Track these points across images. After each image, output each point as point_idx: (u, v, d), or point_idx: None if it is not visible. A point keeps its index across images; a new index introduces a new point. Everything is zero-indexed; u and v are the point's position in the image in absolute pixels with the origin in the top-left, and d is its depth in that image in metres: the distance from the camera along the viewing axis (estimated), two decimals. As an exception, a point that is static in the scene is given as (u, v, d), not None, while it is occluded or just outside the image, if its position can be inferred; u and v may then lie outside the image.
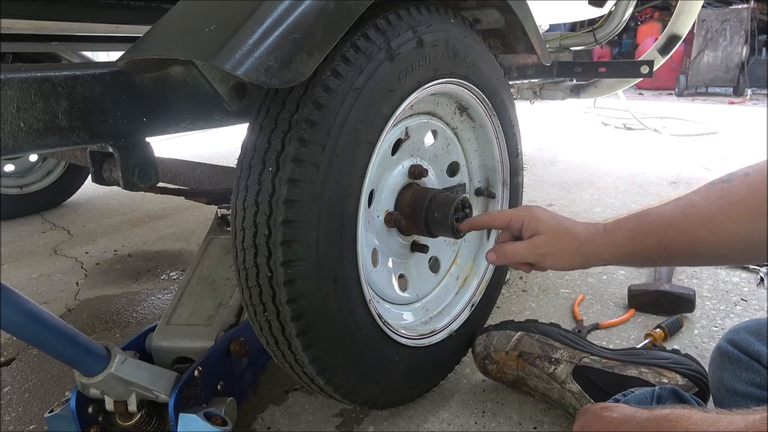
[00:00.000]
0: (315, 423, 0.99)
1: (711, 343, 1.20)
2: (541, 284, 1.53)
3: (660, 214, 0.76)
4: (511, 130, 1.14)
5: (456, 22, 0.92)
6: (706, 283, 1.51)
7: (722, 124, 4.66)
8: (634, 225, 0.78)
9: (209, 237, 1.19)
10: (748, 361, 0.80)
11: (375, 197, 0.92)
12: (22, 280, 1.70)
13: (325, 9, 0.66)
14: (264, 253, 0.72)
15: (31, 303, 0.67)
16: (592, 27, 2.25)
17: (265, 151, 0.71)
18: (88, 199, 2.64)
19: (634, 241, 0.77)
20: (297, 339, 0.74)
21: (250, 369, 1.03)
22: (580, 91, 2.32)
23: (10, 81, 0.58)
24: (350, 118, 0.73)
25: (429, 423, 0.98)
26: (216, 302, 1.02)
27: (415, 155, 0.99)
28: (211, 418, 0.82)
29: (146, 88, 0.71)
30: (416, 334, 0.97)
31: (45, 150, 0.63)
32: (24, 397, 1.11)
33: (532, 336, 0.99)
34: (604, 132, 4.35)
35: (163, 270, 1.74)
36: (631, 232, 0.78)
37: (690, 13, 2.15)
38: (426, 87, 0.87)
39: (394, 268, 1.00)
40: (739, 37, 7.22)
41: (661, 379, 0.89)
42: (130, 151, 0.72)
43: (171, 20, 0.68)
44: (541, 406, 1.00)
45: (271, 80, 0.61)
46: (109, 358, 0.78)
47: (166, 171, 1.34)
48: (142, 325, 1.37)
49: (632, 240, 0.78)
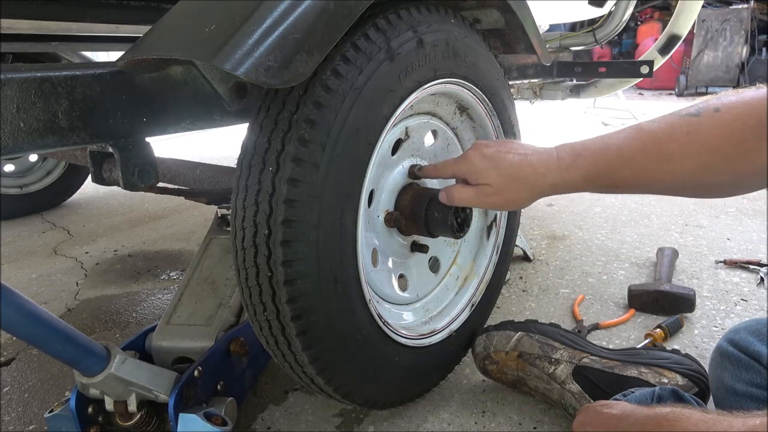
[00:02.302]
0: (315, 423, 0.99)
1: (711, 343, 1.20)
2: (541, 284, 1.53)
3: (619, 151, 0.72)
4: (511, 130, 1.14)
5: (456, 22, 0.92)
6: (706, 283, 1.51)
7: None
8: (590, 163, 0.75)
9: (209, 237, 1.19)
10: (749, 361, 0.80)
11: (375, 197, 0.92)
12: (22, 280, 1.70)
13: (325, 9, 0.66)
14: (264, 253, 0.72)
15: (31, 303, 0.67)
16: (592, 27, 2.24)
17: (265, 151, 0.71)
18: (88, 199, 2.64)
19: (587, 181, 0.75)
20: (297, 339, 0.74)
21: (250, 369, 1.03)
22: (580, 91, 2.31)
23: (10, 81, 0.58)
24: (350, 117, 0.73)
25: (429, 423, 0.98)
26: (216, 302, 1.02)
27: (415, 155, 0.99)
28: (211, 418, 0.82)
29: (146, 88, 0.71)
30: (416, 334, 0.97)
31: (45, 150, 0.63)
32: (24, 397, 1.11)
33: (532, 336, 0.99)
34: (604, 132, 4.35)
35: (163, 270, 1.74)
36: (586, 171, 0.75)
37: (690, 13, 2.15)
38: (426, 87, 0.87)
39: (394, 268, 1.00)
40: (739, 37, 7.22)
41: (661, 379, 0.89)
42: (130, 151, 0.72)
43: (171, 20, 0.68)
44: (541, 406, 1.00)
45: (271, 80, 0.61)
46: (109, 358, 0.78)
47: (166, 171, 1.34)
48: (142, 325, 1.37)
49: (585, 180, 0.75)
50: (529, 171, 0.78)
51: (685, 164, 0.66)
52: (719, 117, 0.64)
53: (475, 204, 0.85)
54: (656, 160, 0.68)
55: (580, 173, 0.75)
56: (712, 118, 0.65)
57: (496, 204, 0.83)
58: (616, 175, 0.72)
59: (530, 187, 0.78)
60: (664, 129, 0.69)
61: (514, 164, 0.79)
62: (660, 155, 0.68)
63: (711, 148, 0.64)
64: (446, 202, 0.87)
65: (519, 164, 0.79)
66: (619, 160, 0.72)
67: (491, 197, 0.81)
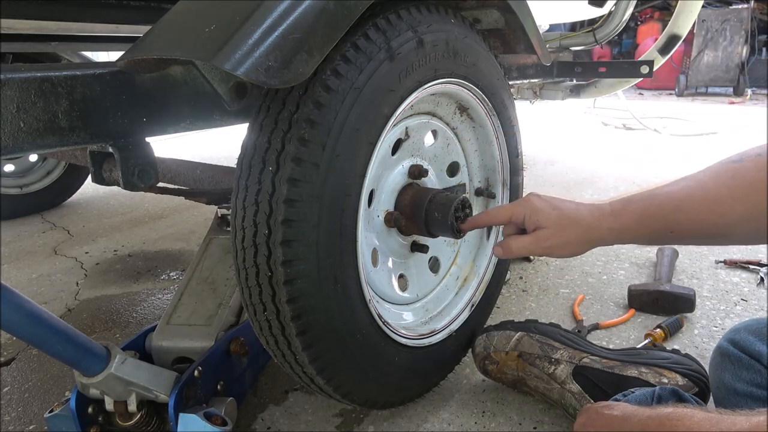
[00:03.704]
0: (315, 423, 0.99)
1: (711, 343, 1.20)
2: (541, 284, 1.53)
3: (668, 196, 0.75)
4: (511, 130, 1.14)
5: (456, 22, 0.92)
6: (706, 283, 1.51)
7: (722, 124, 4.66)
8: (641, 207, 0.77)
9: (209, 237, 1.19)
10: (749, 360, 0.80)
11: (375, 197, 0.92)
12: (22, 280, 1.70)
13: (325, 9, 0.66)
14: (264, 253, 0.72)
15: (31, 303, 0.67)
16: (592, 27, 2.25)
17: (265, 151, 0.71)
18: (88, 199, 2.64)
19: (641, 224, 0.76)
20: (297, 339, 0.74)
21: (250, 369, 1.03)
22: (580, 91, 2.32)
23: (10, 81, 0.58)
24: (350, 117, 0.73)
25: (429, 423, 0.98)
26: (216, 302, 1.02)
27: (415, 155, 0.99)
28: (211, 418, 0.82)
29: (146, 88, 0.71)
30: (416, 334, 0.97)
31: (45, 150, 0.63)
32: (24, 397, 1.11)
33: (532, 336, 0.99)
34: (604, 132, 4.35)
35: (163, 270, 1.74)
36: (639, 215, 0.76)
37: (690, 13, 2.16)
38: (426, 87, 0.87)
39: (394, 268, 1.00)
40: (739, 37, 7.22)
41: (661, 379, 0.89)
42: (130, 151, 0.72)
43: (171, 20, 0.68)
44: (541, 406, 1.00)
45: (271, 80, 0.61)
46: (109, 358, 0.78)
47: (166, 171, 1.34)
48: (142, 325, 1.37)
49: (639, 223, 0.76)
50: (586, 214, 0.80)
51: (735, 207, 0.68)
52: (761, 160, 0.67)
53: (533, 251, 0.84)
54: (706, 204, 0.70)
55: (632, 216, 0.77)
56: (755, 162, 0.68)
57: (554, 247, 0.81)
58: (670, 218, 0.74)
59: (587, 230, 0.79)
60: (710, 176, 0.72)
61: (572, 208, 0.81)
62: (709, 199, 0.70)
63: (758, 189, 0.66)
64: (502, 255, 0.87)
65: (576, 208, 0.81)
66: (670, 204, 0.74)
67: (549, 240, 0.81)
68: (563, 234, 0.80)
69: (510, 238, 0.86)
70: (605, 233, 0.79)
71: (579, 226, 0.80)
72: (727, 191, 0.69)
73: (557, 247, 0.81)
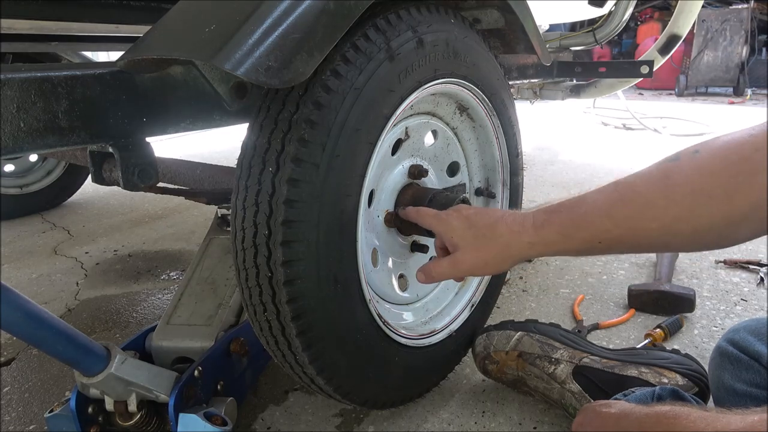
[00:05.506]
0: (315, 423, 0.99)
1: (711, 343, 1.20)
2: (541, 284, 1.53)
3: (595, 203, 0.67)
4: (511, 130, 1.14)
5: (456, 22, 0.92)
6: (706, 283, 1.51)
7: (722, 124, 4.66)
8: (565, 218, 0.70)
9: (209, 237, 1.19)
10: (748, 361, 0.80)
11: (375, 197, 0.92)
12: (22, 280, 1.70)
13: (325, 9, 0.66)
14: (264, 253, 0.72)
15: (31, 303, 0.67)
16: (592, 27, 2.25)
17: (265, 151, 0.71)
18: (88, 199, 2.64)
19: (565, 236, 0.69)
20: (297, 339, 0.74)
21: (250, 369, 1.03)
22: (580, 91, 2.32)
23: (10, 81, 0.58)
24: (350, 118, 0.73)
25: (429, 423, 0.98)
26: (216, 302, 1.02)
27: (415, 155, 0.99)
28: (211, 418, 0.82)
29: (146, 88, 0.71)
30: (416, 334, 0.97)
31: (45, 150, 0.63)
32: (24, 397, 1.11)
33: (532, 336, 0.99)
34: (604, 132, 4.35)
35: (163, 270, 1.74)
36: (562, 227, 0.69)
37: (690, 13, 2.16)
38: (426, 87, 0.87)
39: (394, 268, 1.00)
40: (739, 37, 7.22)
41: (661, 379, 0.89)
42: (130, 151, 0.72)
43: (171, 20, 0.68)
44: (541, 406, 1.00)
45: (271, 80, 0.61)
46: (109, 358, 0.78)
47: (166, 171, 1.34)
48: (142, 325, 1.37)
49: (563, 236, 0.69)
50: (504, 230, 0.74)
51: (670, 209, 0.61)
52: (698, 157, 0.61)
53: (452, 274, 0.80)
54: (637, 208, 0.64)
55: (555, 228, 0.70)
56: (691, 159, 0.61)
57: (473, 267, 0.77)
58: (597, 227, 0.67)
59: (505, 246, 0.74)
60: (642, 177, 0.65)
61: (489, 224, 0.76)
62: (640, 203, 0.63)
63: (693, 189, 0.60)
64: (424, 281, 0.82)
65: (494, 224, 0.75)
66: (597, 212, 0.67)
67: (466, 263, 0.76)
68: (479, 254, 0.76)
69: (431, 264, 0.82)
70: (525, 248, 0.73)
71: (496, 245, 0.74)
72: (660, 193, 0.62)
73: (476, 268, 0.77)
